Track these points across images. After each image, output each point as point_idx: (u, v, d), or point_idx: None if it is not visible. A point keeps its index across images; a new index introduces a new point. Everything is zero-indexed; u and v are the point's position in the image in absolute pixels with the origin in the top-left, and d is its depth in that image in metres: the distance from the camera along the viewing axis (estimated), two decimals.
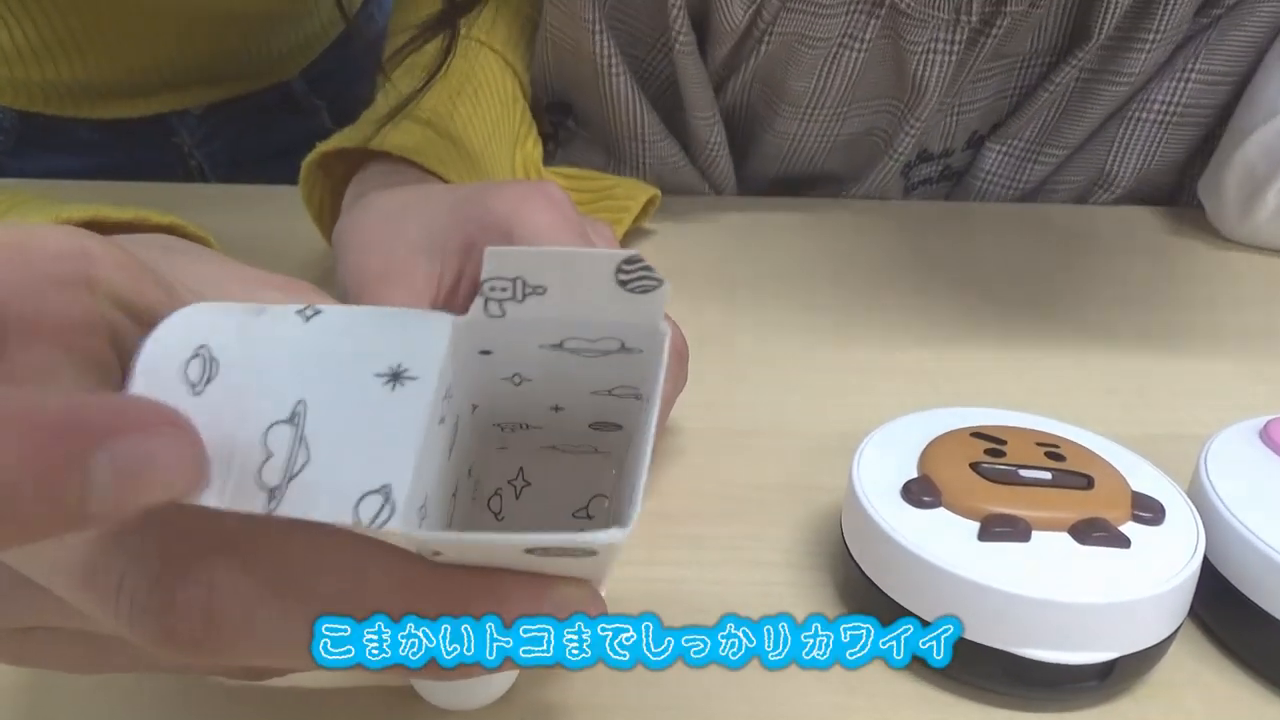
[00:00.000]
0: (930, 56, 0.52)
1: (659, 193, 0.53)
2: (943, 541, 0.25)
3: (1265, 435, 0.30)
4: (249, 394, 0.17)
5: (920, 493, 0.27)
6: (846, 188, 0.61)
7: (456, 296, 0.34)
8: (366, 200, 0.38)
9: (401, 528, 0.15)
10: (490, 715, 0.25)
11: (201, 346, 0.17)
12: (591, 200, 0.52)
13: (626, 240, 0.52)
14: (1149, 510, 0.26)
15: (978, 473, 0.27)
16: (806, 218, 0.61)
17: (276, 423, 0.16)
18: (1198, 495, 0.28)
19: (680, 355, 0.33)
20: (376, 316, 0.18)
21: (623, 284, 0.18)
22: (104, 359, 0.18)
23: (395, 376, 0.17)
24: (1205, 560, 0.26)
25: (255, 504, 0.16)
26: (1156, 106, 0.58)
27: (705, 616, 0.28)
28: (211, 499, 0.16)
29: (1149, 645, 0.25)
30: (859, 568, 0.27)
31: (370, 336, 0.17)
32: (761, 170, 0.60)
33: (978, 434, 0.29)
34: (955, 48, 0.51)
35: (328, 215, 0.45)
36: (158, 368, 0.17)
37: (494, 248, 0.17)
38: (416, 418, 0.16)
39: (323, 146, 0.43)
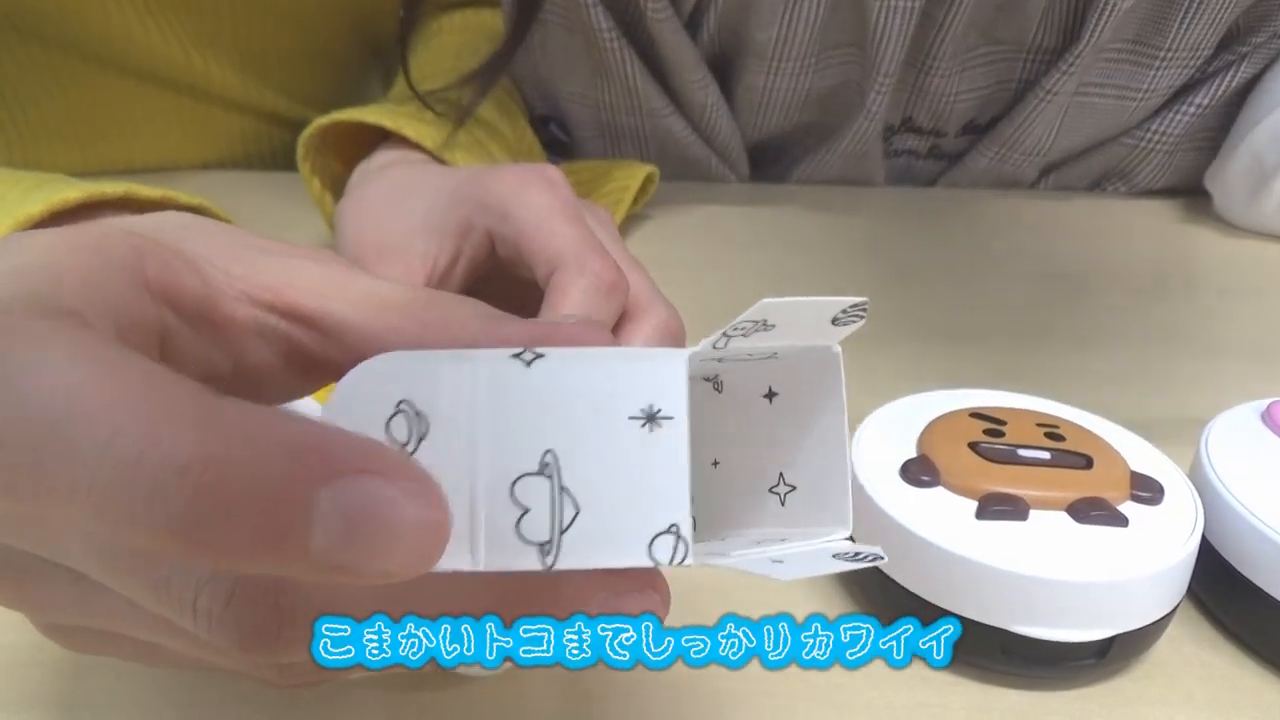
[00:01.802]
0: (891, 3, 0.51)
1: (656, 169, 0.53)
2: (941, 521, 0.25)
3: (1267, 417, 0.30)
4: (478, 450, 0.16)
5: (919, 472, 0.27)
6: (825, 147, 0.60)
7: (451, 277, 0.34)
8: (368, 179, 0.39)
9: (696, 561, 0.16)
10: (507, 685, 0.25)
11: (403, 402, 0.16)
12: (589, 186, 0.52)
13: (624, 226, 0.52)
14: (1148, 490, 0.26)
15: (976, 452, 0.27)
16: (807, 203, 0.61)
17: (524, 475, 0.16)
18: (1198, 476, 0.28)
19: (672, 336, 0.33)
20: (608, 357, 0.17)
21: (835, 320, 0.18)
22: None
23: (650, 418, 0.16)
24: (1204, 540, 0.26)
25: (526, 562, 0.15)
26: (1163, 133, 0.58)
27: (703, 599, 0.28)
28: (464, 562, 0.15)
29: (1146, 624, 0.25)
30: None
31: (606, 377, 0.17)
32: (740, 130, 0.60)
33: (977, 414, 0.29)
34: (915, 1, 0.51)
35: (330, 195, 0.46)
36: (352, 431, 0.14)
37: (768, 301, 0.16)
38: (678, 456, 0.16)
39: (334, 116, 0.44)
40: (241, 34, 0.57)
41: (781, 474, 0.21)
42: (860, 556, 0.18)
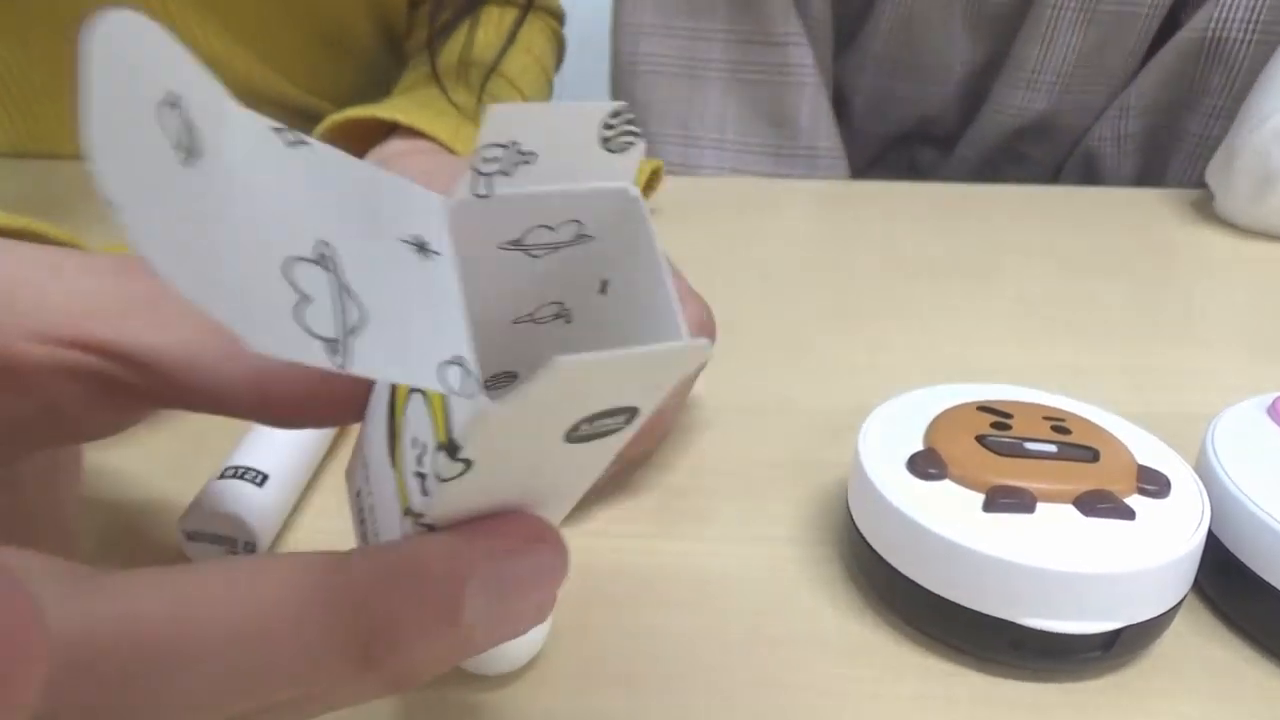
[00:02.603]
0: None
1: (661, 164, 0.54)
2: (948, 513, 0.26)
3: (1273, 412, 0.30)
4: (239, 204, 0.13)
5: (925, 465, 0.27)
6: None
7: None
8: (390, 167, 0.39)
9: (492, 399, 0.14)
10: (518, 681, 0.25)
11: (173, 95, 0.12)
12: None
13: None
14: (1154, 483, 0.26)
15: (983, 445, 0.27)
16: (816, 196, 0.61)
17: (298, 259, 0.13)
18: (1204, 469, 0.28)
19: (705, 331, 0.33)
20: (372, 174, 0.16)
21: (605, 140, 0.16)
22: None
23: (421, 248, 0.15)
24: (1210, 534, 0.26)
25: (311, 354, 0.13)
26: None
27: (712, 589, 0.28)
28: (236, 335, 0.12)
29: (1153, 616, 0.25)
30: (865, 540, 0.27)
31: (376, 195, 0.15)
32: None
33: (984, 408, 0.29)
34: None
35: None
36: (119, 97, 0.11)
37: (495, 105, 0.15)
38: (453, 293, 0.15)
39: (348, 114, 0.44)
40: (250, 17, 0.58)
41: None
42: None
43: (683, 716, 0.24)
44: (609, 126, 0.16)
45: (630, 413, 0.15)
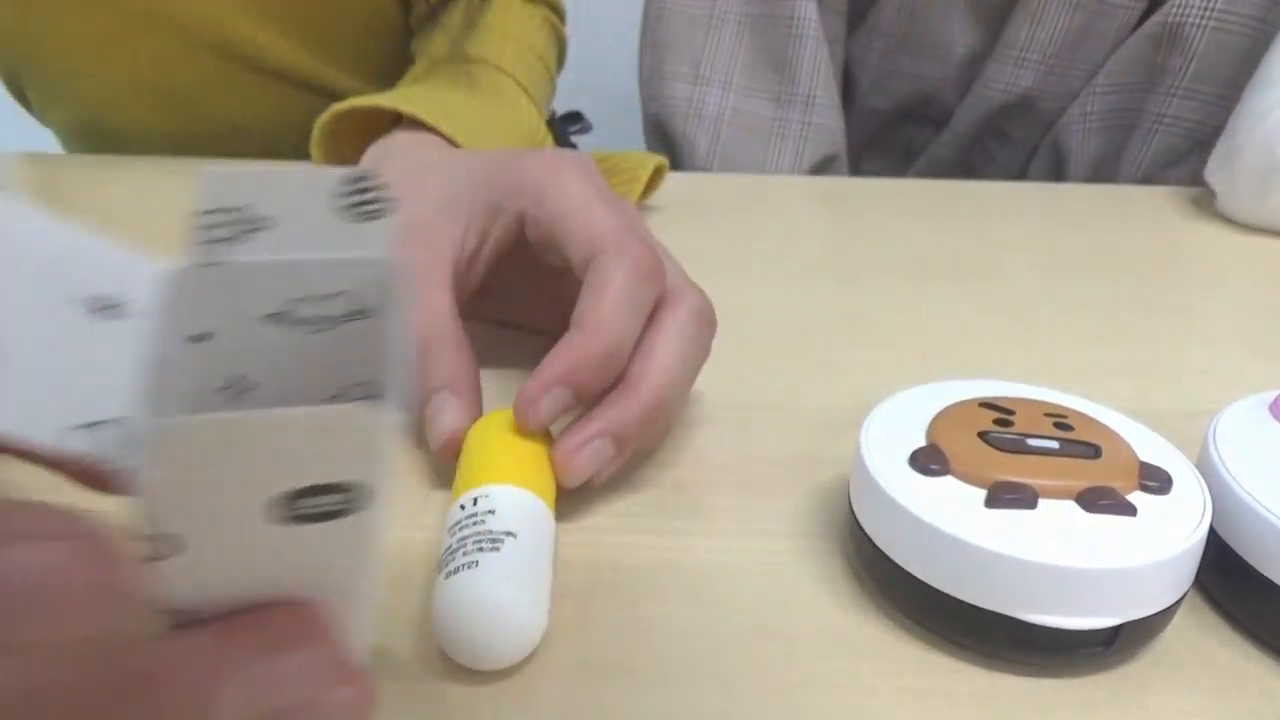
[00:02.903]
0: None
1: (665, 162, 0.54)
2: (950, 509, 0.26)
3: (1275, 409, 0.30)
4: None
5: (928, 461, 0.27)
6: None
7: (479, 260, 0.34)
8: (385, 159, 0.39)
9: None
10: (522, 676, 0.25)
11: None
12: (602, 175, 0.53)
13: None
14: (1156, 480, 0.27)
15: (985, 441, 0.27)
16: (817, 193, 0.61)
17: None
18: (1206, 466, 0.28)
19: (708, 321, 0.33)
20: (71, 238, 0.15)
21: (345, 208, 0.15)
22: None
23: (105, 308, 0.15)
24: (1212, 531, 0.26)
25: None
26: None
27: (713, 584, 0.28)
28: None
29: (1154, 612, 0.25)
30: (867, 536, 0.27)
31: (65, 255, 0.15)
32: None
33: (986, 404, 0.29)
34: None
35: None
36: None
37: (206, 168, 0.14)
38: (129, 359, 0.14)
39: (352, 102, 0.44)
40: None
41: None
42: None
43: (683, 711, 0.24)
44: (345, 194, 0.15)
45: (351, 490, 0.13)
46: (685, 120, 0.72)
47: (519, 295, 0.37)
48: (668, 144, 0.73)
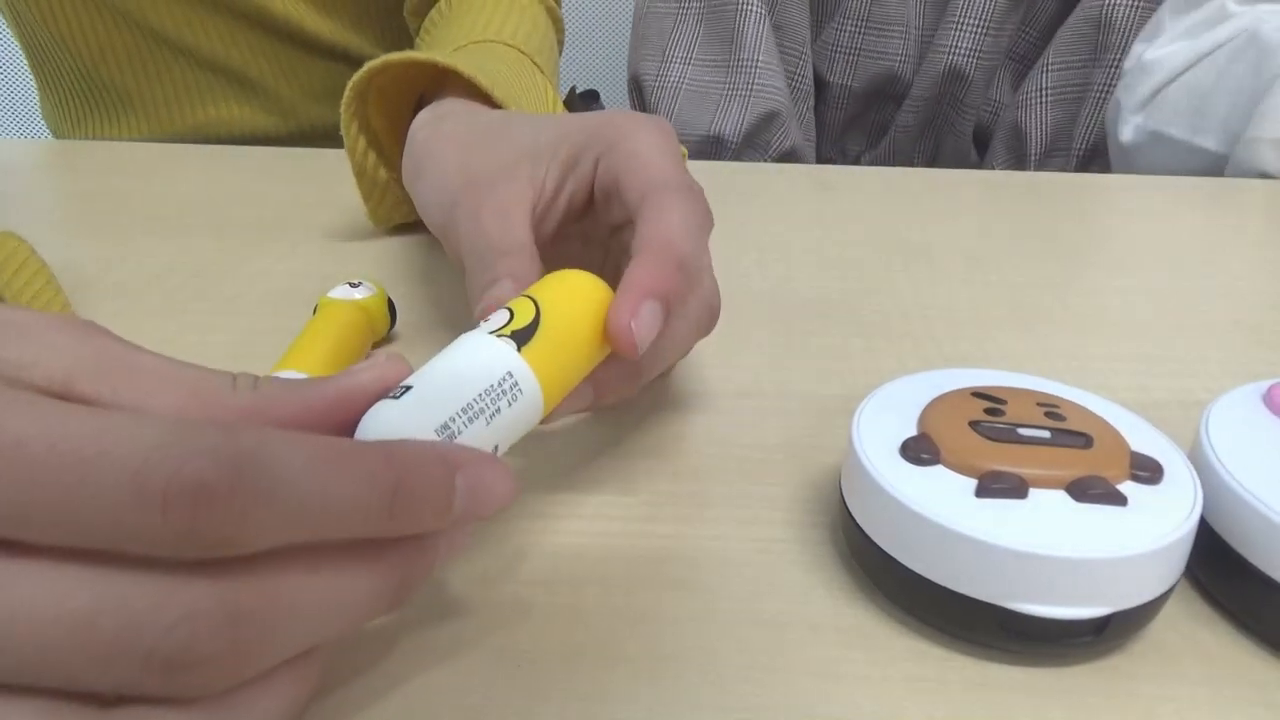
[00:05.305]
0: None
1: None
2: (940, 498, 0.26)
3: (1268, 399, 0.30)
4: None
5: (918, 450, 0.27)
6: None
7: (555, 206, 0.34)
8: (455, 117, 0.39)
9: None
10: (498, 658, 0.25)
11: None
12: None
13: None
14: (1147, 469, 0.26)
15: (976, 431, 0.27)
16: (811, 181, 0.61)
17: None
18: (1198, 456, 0.28)
19: (713, 315, 0.33)
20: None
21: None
22: None
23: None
24: (1203, 521, 0.26)
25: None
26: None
27: (705, 573, 0.28)
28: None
29: (1144, 602, 0.25)
30: (858, 525, 0.27)
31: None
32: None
33: (978, 394, 0.29)
34: None
35: (386, 137, 0.47)
36: None
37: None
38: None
39: (406, 54, 0.44)
40: None
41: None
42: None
43: (674, 698, 0.24)
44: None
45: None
46: (653, 91, 0.94)
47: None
48: (642, 111, 0.89)
